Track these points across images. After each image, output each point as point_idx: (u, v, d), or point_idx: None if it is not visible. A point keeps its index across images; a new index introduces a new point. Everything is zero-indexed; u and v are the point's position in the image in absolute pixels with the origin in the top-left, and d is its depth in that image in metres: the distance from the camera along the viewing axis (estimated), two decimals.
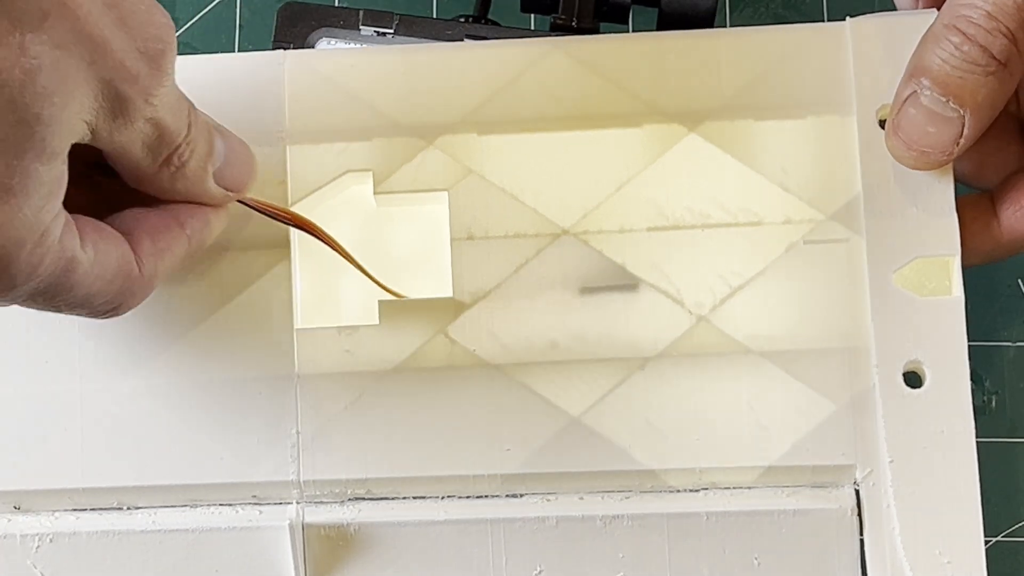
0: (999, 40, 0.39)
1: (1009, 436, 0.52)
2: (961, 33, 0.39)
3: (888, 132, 0.41)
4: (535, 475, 0.42)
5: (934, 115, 0.40)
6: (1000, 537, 0.51)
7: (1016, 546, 0.51)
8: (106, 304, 0.36)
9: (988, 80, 0.39)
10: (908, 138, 0.40)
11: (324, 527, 0.42)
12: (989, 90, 0.39)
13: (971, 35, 0.39)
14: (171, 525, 0.42)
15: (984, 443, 0.41)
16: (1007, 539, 0.51)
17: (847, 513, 0.42)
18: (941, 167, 0.41)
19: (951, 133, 0.40)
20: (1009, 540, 0.51)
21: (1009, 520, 0.51)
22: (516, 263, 0.43)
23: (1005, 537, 0.51)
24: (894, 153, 0.41)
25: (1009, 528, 0.51)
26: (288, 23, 0.48)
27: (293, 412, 0.42)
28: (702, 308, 0.42)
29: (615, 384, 0.42)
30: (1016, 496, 0.51)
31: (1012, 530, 0.51)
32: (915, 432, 0.41)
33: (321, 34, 0.48)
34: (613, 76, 0.43)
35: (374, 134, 0.43)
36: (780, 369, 0.42)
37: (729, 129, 0.43)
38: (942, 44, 0.39)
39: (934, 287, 0.42)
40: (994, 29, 0.39)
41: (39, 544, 0.43)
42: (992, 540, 0.51)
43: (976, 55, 0.39)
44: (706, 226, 0.43)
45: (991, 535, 0.50)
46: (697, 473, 0.42)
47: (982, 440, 0.42)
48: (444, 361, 0.42)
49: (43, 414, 0.43)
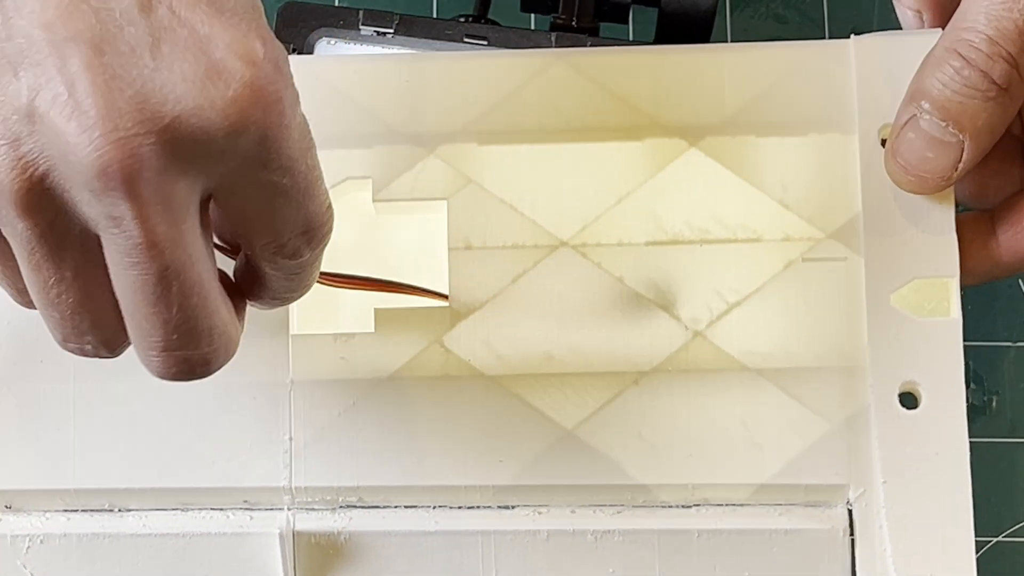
0: (1000, 65, 0.39)
1: (1009, 436, 0.52)
2: (962, 57, 0.39)
3: (887, 156, 0.41)
4: (527, 487, 0.42)
5: (933, 140, 0.40)
6: (1000, 537, 0.51)
7: (1016, 546, 0.51)
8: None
9: (988, 105, 0.39)
10: (907, 163, 0.40)
11: (314, 534, 0.42)
12: (989, 115, 0.39)
13: (972, 60, 0.39)
14: (162, 529, 0.42)
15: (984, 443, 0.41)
16: (1007, 539, 0.51)
17: (839, 533, 0.42)
18: (940, 192, 0.41)
19: (950, 158, 0.40)
20: (1009, 540, 0.51)
21: (1009, 520, 0.51)
22: (513, 274, 0.43)
23: (1005, 537, 0.51)
24: (893, 177, 0.41)
25: (1009, 528, 0.51)
26: (288, 23, 0.48)
27: (286, 418, 0.42)
28: (698, 324, 0.42)
29: (609, 398, 0.42)
30: (1016, 496, 0.51)
31: (1012, 530, 0.51)
32: (909, 453, 0.41)
33: (321, 34, 0.48)
34: (615, 89, 0.43)
35: (374, 141, 0.43)
36: (775, 387, 0.42)
37: (730, 145, 0.43)
38: (942, 68, 0.39)
39: (932, 308, 0.42)
40: (995, 54, 0.39)
41: (29, 545, 0.43)
42: (992, 540, 0.50)
43: (976, 80, 0.39)
44: (705, 241, 0.42)
45: (991, 535, 0.50)
46: (689, 489, 0.42)
47: (982, 440, 0.42)
48: (439, 371, 0.42)
49: (36, 414, 0.43)
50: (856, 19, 0.45)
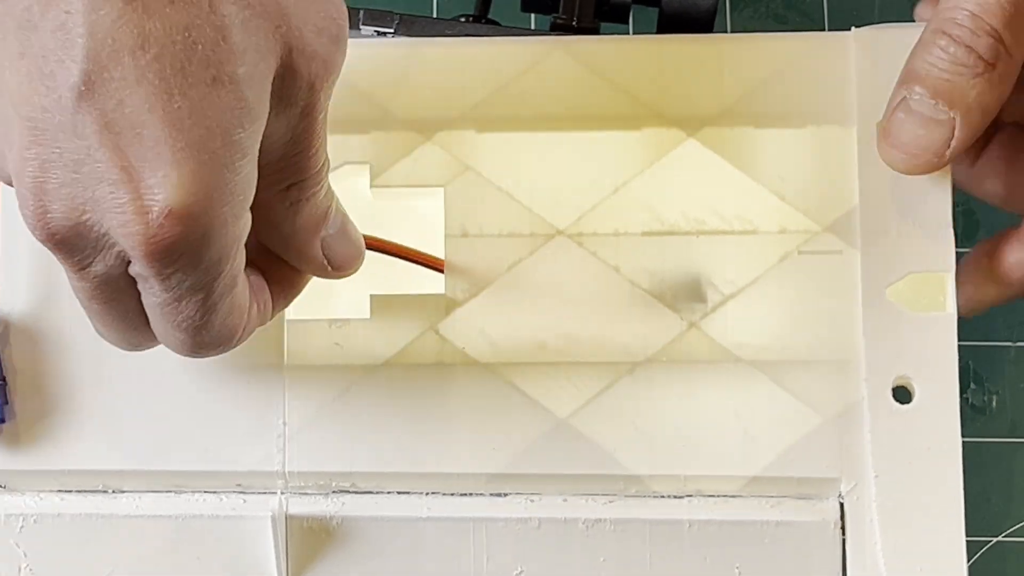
0: (984, 40, 0.39)
1: (1009, 436, 0.51)
2: (947, 35, 0.39)
3: (879, 138, 0.41)
4: (520, 475, 0.42)
5: (923, 118, 0.39)
6: (1000, 537, 0.51)
7: (1016, 546, 0.51)
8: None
9: (977, 81, 0.39)
10: (898, 141, 0.40)
11: (307, 519, 0.42)
12: (979, 92, 0.39)
13: (956, 36, 0.39)
14: (155, 511, 0.43)
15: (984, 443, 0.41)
16: (1007, 539, 0.51)
17: (830, 526, 0.42)
18: (935, 170, 0.41)
19: (942, 135, 0.39)
20: (1009, 540, 0.51)
21: (1009, 520, 0.51)
22: (509, 262, 0.43)
23: (1005, 537, 0.51)
24: (885, 158, 0.41)
25: (1009, 528, 0.51)
26: None
27: (280, 403, 0.42)
28: (693, 314, 0.42)
29: (603, 387, 0.42)
30: (1016, 496, 0.51)
31: (1012, 530, 0.51)
32: (902, 447, 0.41)
33: None
34: (614, 78, 0.43)
35: (372, 127, 0.43)
36: (769, 379, 0.42)
37: (728, 136, 0.43)
38: (930, 48, 0.39)
39: (927, 303, 0.42)
40: (979, 28, 0.39)
41: (23, 524, 0.43)
42: (992, 540, 0.51)
43: (962, 56, 0.39)
44: (701, 232, 0.42)
45: (991, 535, 0.50)
46: (682, 480, 0.42)
47: (983, 440, 0.41)
48: (433, 358, 0.42)
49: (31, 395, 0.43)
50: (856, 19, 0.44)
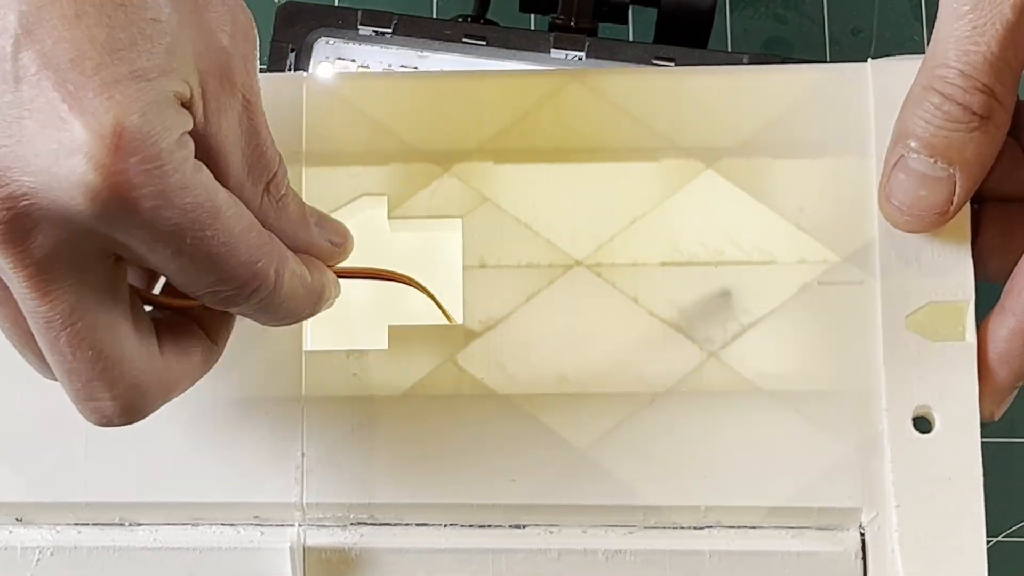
0: (977, 96, 0.39)
1: (1009, 436, 0.51)
2: (939, 93, 0.39)
3: (880, 199, 0.41)
4: (539, 507, 0.42)
5: (924, 177, 0.40)
6: (1000, 537, 0.50)
7: (1016, 546, 0.51)
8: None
9: (974, 136, 0.39)
10: (901, 203, 0.40)
11: (325, 550, 0.42)
12: (976, 145, 0.39)
13: (949, 95, 0.39)
14: (172, 543, 0.42)
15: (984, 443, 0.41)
16: (1007, 539, 0.51)
17: (852, 556, 0.41)
18: (938, 227, 0.41)
19: (944, 193, 0.40)
20: (1009, 540, 0.51)
21: (1009, 520, 0.51)
22: (528, 293, 0.43)
23: (1005, 537, 0.51)
24: (889, 219, 0.41)
25: (1009, 528, 0.51)
26: (287, 23, 0.48)
27: (299, 434, 0.42)
28: (712, 345, 0.42)
29: (623, 419, 0.42)
30: (1016, 496, 0.51)
31: (1012, 530, 0.51)
32: (923, 477, 0.41)
33: (320, 34, 0.48)
34: (631, 109, 0.43)
35: (390, 159, 0.43)
36: (789, 409, 0.42)
37: (746, 167, 0.43)
38: (923, 106, 0.39)
39: (947, 332, 0.41)
40: (971, 87, 0.39)
41: (39, 557, 0.43)
42: (992, 540, 0.50)
43: (957, 113, 0.39)
44: (720, 263, 0.42)
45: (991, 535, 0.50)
46: (702, 511, 0.42)
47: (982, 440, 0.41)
48: (452, 389, 0.42)
49: (48, 426, 0.43)
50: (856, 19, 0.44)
